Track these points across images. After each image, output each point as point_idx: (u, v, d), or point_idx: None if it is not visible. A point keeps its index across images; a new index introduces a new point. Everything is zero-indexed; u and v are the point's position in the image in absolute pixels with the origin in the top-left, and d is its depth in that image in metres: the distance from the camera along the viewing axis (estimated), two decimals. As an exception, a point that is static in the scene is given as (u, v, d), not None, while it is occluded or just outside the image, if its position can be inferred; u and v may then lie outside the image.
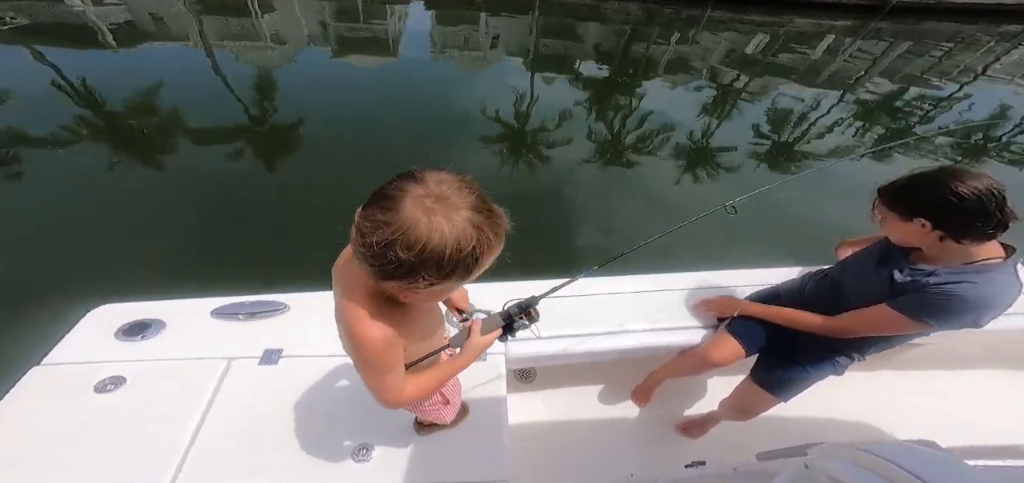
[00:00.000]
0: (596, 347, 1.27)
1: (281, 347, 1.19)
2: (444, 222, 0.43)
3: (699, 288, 1.44)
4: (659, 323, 1.33)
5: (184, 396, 1.05)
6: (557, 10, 11.07)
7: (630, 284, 1.46)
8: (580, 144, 4.27)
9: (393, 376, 0.63)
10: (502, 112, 4.59)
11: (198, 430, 1.00)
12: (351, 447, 0.99)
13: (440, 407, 0.93)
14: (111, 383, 1.05)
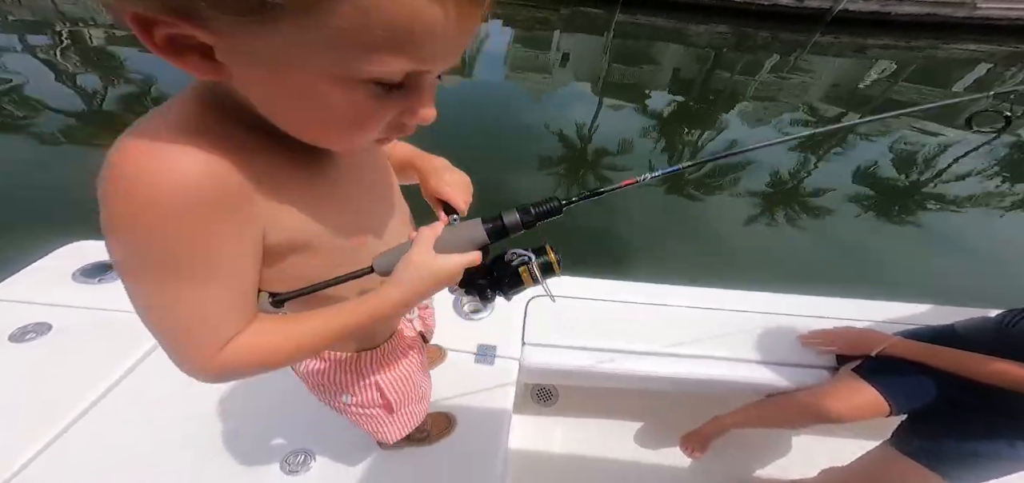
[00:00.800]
0: (638, 369, 0.97)
1: None
2: None
3: (798, 315, 1.06)
4: (730, 352, 1.00)
5: (104, 357, 0.88)
6: (634, 32, 10.77)
7: (691, 297, 1.13)
8: (641, 173, 4.06)
9: (202, 296, 0.30)
10: (563, 135, 4.60)
11: (99, 400, 0.82)
12: (285, 451, 0.78)
13: (377, 413, 0.58)
14: (33, 331, 0.91)
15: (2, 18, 5.54)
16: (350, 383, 0.53)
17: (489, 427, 0.86)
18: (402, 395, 0.58)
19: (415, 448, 0.80)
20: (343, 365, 0.52)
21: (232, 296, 0.31)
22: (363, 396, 0.55)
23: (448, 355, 0.98)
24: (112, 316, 0.95)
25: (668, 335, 1.03)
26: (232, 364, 0.32)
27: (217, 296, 0.30)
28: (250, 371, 0.34)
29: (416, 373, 0.60)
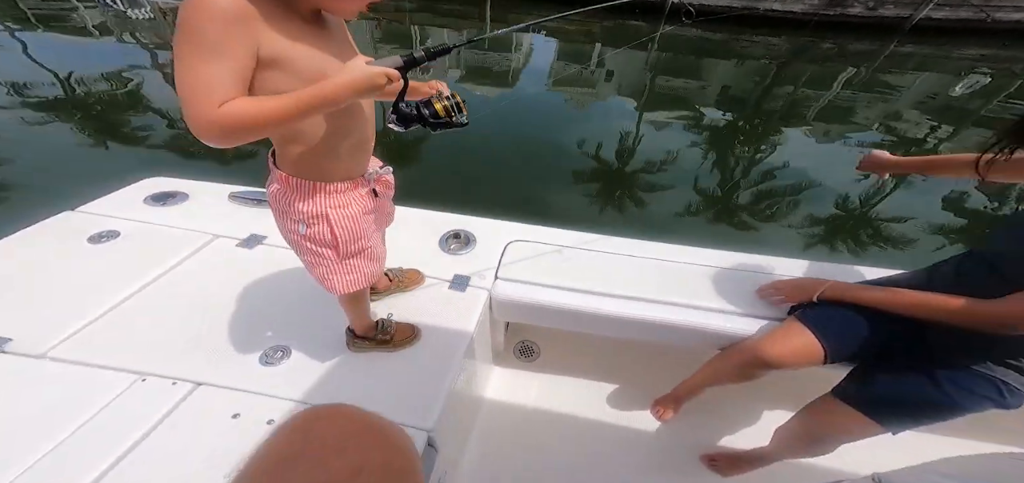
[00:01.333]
0: (601, 308, 1.02)
1: (267, 235, 1.21)
2: None
3: (763, 272, 1.11)
4: (693, 300, 1.03)
5: (152, 257, 1.10)
6: (680, 45, 10.41)
7: (661, 251, 1.19)
8: (683, 193, 3.88)
9: (215, 70, 0.46)
10: (602, 150, 4.51)
11: (135, 293, 1.02)
12: (266, 347, 0.91)
13: (328, 255, 0.70)
14: (106, 236, 1.16)
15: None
16: (303, 209, 0.66)
17: (448, 343, 0.94)
18: (349, 235, 0.70)
19: (379, 352, 0.91)
20: (301, 188, 0.65)
21: (232, 75, 0.48)
22: (314, 229, 0.67)
23: (426, 280, 1.10)
24: (165, 230, 1.21)
25: (635, 283, 1.08)
26: (223, 118, 0.47)
27: (220, 71, 0.47)
28: (235, 128, 0.48)
29: (362, 217, 0.71)
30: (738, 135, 5.54)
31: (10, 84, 4.34)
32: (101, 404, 0.80)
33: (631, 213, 3.63)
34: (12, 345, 0.87)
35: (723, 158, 4.81)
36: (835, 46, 9.46)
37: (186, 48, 0.46)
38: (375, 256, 0.77)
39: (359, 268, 0.74)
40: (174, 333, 0.93)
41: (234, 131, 0.48)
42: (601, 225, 3.37)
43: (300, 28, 0.53)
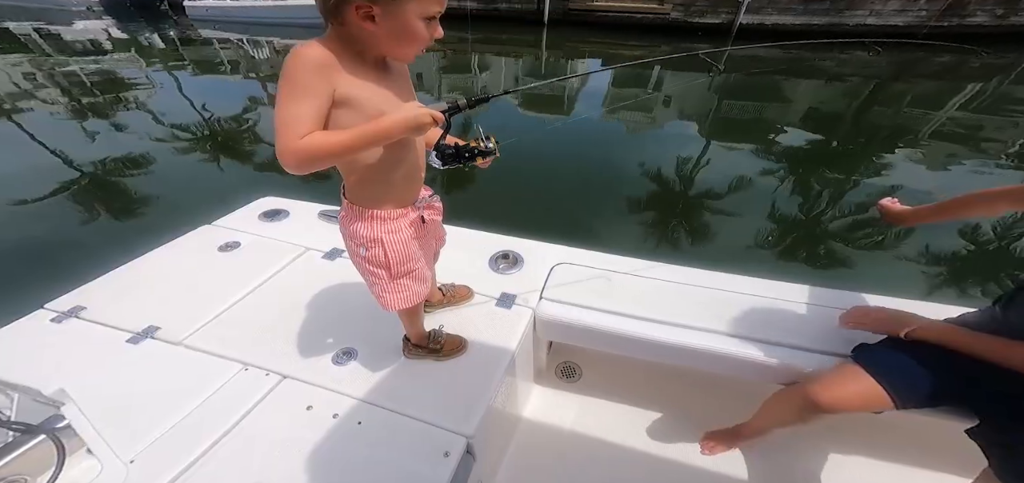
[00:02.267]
0: (660, 336, 1.01)
1: (344, 250, 1.31)
2: None
3: (830, 306, 1.04)
4: (747, 331, 0.99)
5: (260, 265, 1.29)
6: (750, 67, 9.72)
7: (714, 280, 1.16)
8: (753, 221, 3.51)
9: (301, 108, 0.57)
10: (659, 177, 4.29)
11: (247, 295, 1.19)
12: (337, 349, 1.02)
13: (382, 274, 0.79)
14: (231, 247, 1.37)
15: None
16: (363, 234, 0.76)
17: (493, 357, 0.99)
18: (399, 258, 0.79)
19: (430, 360, 0.99)
20: (361, 214, 0.75)
21: (312, 113, 0.58)
22: (372, 252, 0.77)
23: (475, 296, 1.17)
24: (271, 242, 1.42)
25: (685, 311, 1.05)
26: (301, 148, 0.57)
27: (304, 110, 0.58)
28: (310, 157, 0.58)
29: (411, 243, 0.80)
30: (827, 159, 4.94)
31: (165, 116, 5.48)
32: (215, 387, 0.94)
33: (689, 244, 3.37)
34: (160, 333, 1.07)
35: (806, 184, 4.29)
36: (953, 60, 8.12)
37: (283, 90, 0.58)
38: (423, 277, 0.85)
39: (408, 287, 0.83)
40: (270, 330, 1.08)
41: (308, 159, 0.58)
42: (655, 255, 3.18)
43: (368, 73, 0.63)
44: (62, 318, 1.10)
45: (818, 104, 7.30)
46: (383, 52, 0.64)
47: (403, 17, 0.58)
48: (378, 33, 0.58)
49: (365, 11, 0.56)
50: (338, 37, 0.60)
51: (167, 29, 12.24)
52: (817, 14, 11.83)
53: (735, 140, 5.50)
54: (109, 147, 4.30)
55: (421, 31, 0.60)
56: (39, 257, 2.68)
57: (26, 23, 10.97)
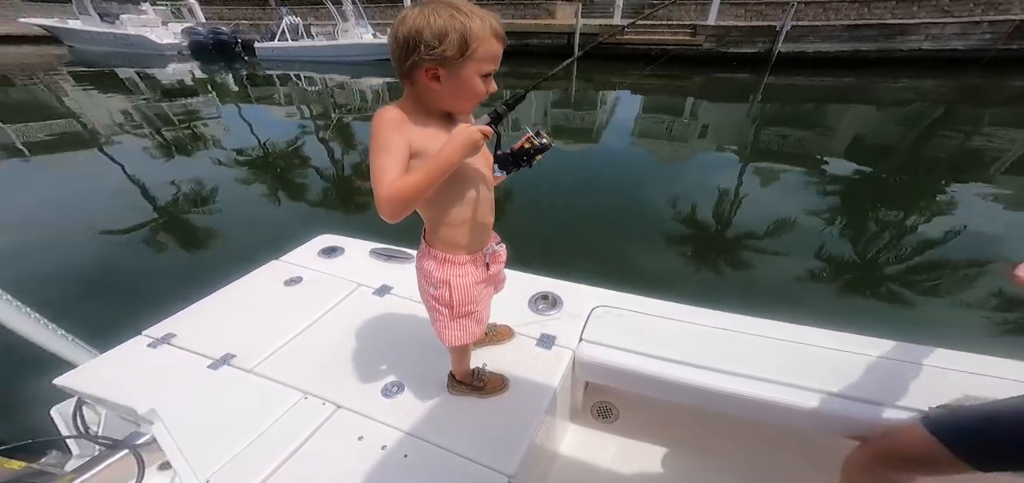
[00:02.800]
0: (703, 382, 0.99)
1: (393, 286, 1.43)
2: (427, 12, 0.64)
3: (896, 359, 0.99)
4: (800, 380, 0.96)
5: (318, 299, 1.38)
6: (790, 96, 9.37)
7: (762, 328, 1.12)
8: (800, 259, 3.31)
9: (390, 160, 0.68)
10: (696, 210, 4.18)
11: (308, 327, 1.27)
12: (388, 381, 1.07)
13: (444, 312, 0.87)
14: (294, 282, 1.47)
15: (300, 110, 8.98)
16: (436, 276, 0.84)
17: (533, 397, 1.02)
18: (462, 300, 0.86)
19: (473, 397, 1.03)
20: (435, 258, 0.84)
21: (396, 164, 0.69)
22: (440, 292, 0.85)
23: (516, 336, 1.21)
24: (327, 278, 1.51)
25: (726, 355, 1.04)
26: (390, 194, 0.67)
27: (390, 162, 0.69)
28: (398, 200, 0.68)
29: (474, 287, 0.87)
30: (883, 193, 4.60)
31: (233, 151, 6.14)
32: (279, 413, 1.01)
33: (730, 279, 3.22)
34: (235, 360, 1.16)
35: (861, 220, 4.01)
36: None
37: (371, 148, 0.70)
38: (481, 320, 0.93)
39: (467, 327, 0.90)
40: (327, 362, 1.15)
41: (398, 201, 0.68)
42: (693, 290, 3.06)
43: (435, 127, 0.73)
44: (156, 344, 1.22)
45: (870, 134, 6.87)
46: (447, 108, 0.74)
47: (463, 76, 0.67)
48: (442, 91, 0.69)
49: (433, 73, 0.66)
50: (411, 97, 0.72)
51: (239, 69, 13.87)
52: (865, 41, 11.33)
53: (778, 171, 5.28)
54: (186, 180, 4.83)
55: (479, 87, 0.70)
56: (134, 283, 3.02)
57: (130, 69, 12.83)
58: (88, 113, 7.87)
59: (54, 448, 1.18)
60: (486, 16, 0.67)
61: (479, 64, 0.67)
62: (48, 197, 4.43)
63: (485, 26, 0.66)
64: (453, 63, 0.65)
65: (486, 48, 0.66)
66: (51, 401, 1.28)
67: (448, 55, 0.64)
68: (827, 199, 4.41)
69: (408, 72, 0.68)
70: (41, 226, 3.70)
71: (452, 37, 0.63)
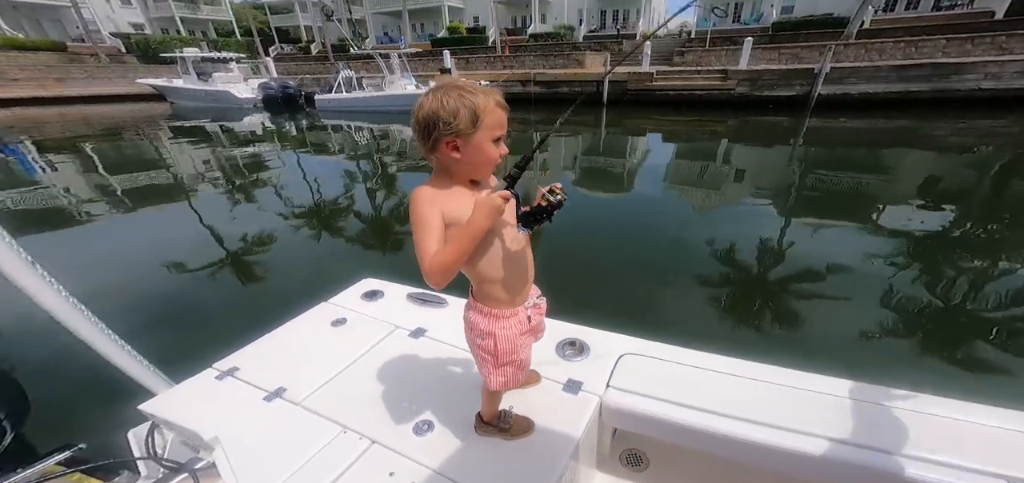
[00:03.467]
0: (740, 434, 0.97)
1: (427, 328, 1.49)
2: (440, 96, 0.75)
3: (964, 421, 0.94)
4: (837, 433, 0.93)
5: (358, 341, 1.46)
6: (836, 139, 8.96)
7: (796, 379, 1.10)
8: (864, 309, 3.03)
9: (429, 236, 0.77)
10: (734, 256, 4.02)
11: (350, 365, 1.34)
12: (419, 420, 1.12)
13: (489, 359, 0.93)
14: (340, 323, 1.57)
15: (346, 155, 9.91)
16: (483, 328, 0.92)
17: (558, 441, 1.04)
18: (506, 349, 0.92)
19: (499, 438, 1.06)
20: (481, 311, 0.91)
21: (436, 238, 0.78)
22: (487, 342, 0.92)
23: (542, 380, 1.23)
24: (368, 320, 1.60)
25: (768, 407, 1.02)
26: (434, 266, 0.76)
27: (430, 238, 0.78)
28: (440, 270, 0.77)
29: (517, 338, 0.93)
30: (954, 243, 4.21)
31: (290, 196, 6.71)
32: (322, 445, 1.08)
33: (772, 335, 3.02)
34: (287, 394, 1.25)
35: (940, 267, 3.65)
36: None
37: (414, 225, 0.80)
38: (522, 366, 0.99)
39: (509, 373, 0.97)
40: (366, 398, 1.23)
41: (440, 272, 0.77)
42: (732, 344, 2.90)
43: (463, 194, 0.82)
44: (223, 376, 1.34)
45: (933, 178, 6.38)
46: (469, 175, 0.83)
47: (477, 143, 0.77)
48: (462, 159, 0.78)
49: (452, 145, 0.77)
50: (438, 169, 0.83)
51: (301, 120, 15.63)
52: (916, 81, 10.79)
53: (827, 218, 5.00)
54: (249, 222, 5.42)
55: (492, 152, 0.79)
56: (204, 315, 3.37)
57: (215, 123, 14.87)
58: (178, 163, 9.13)
59: (126, 469, 1.30)
60: (488, 91, 0.78)
61: (489, 131, 0.77)
62: (137, 238, 5.10)
63: (489, 99, 0.76)
64: (467, 134, 0.76)
65: (492, 117, 0.77)
66: (131, 423, 1.41)
67: (462, 128, 0.75)
68: (888, 247, 4.07)
69: (432, 147, 0.78)
70: (129, 263, 4.25)
71: (463, 113, 0.74)
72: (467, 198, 0.81)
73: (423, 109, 0.76)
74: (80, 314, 1.20)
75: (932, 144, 8.48)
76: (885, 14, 21.11)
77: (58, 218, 5.67)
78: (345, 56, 22.12)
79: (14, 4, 25.92)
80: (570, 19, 29.58)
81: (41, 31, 27.01)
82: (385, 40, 32.25)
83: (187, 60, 18.63)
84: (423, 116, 0.76)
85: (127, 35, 28.36)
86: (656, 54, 17.07)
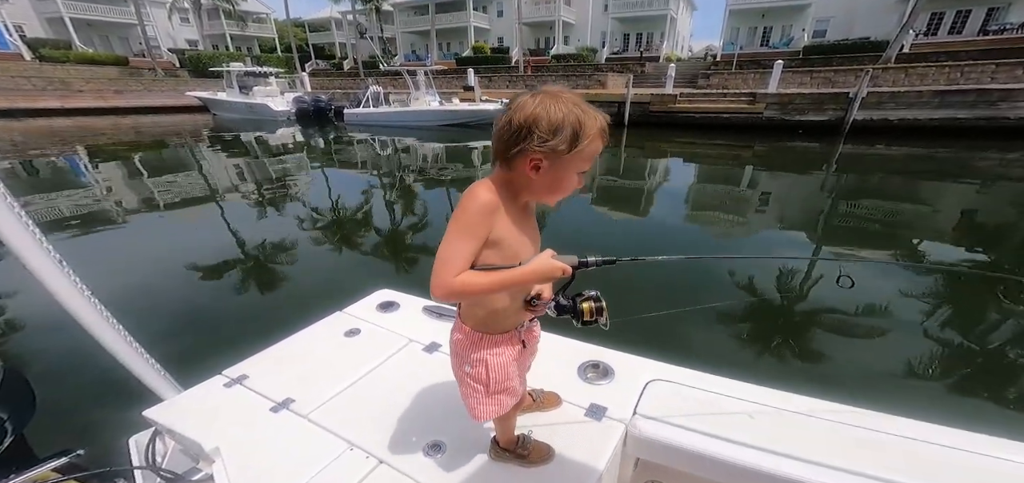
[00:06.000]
0: (746, 460, 0.91)
1: (442, 343, 1.42)
2: (547, 102, 0.64)
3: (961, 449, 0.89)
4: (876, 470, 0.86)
5: (371, 353, 1.39)
6: (876, 166, 8.49)
7: (835, 413, 1.02)
8: (903, 344, 2.82)
9: (464, 248, 0.66)
10: (761, 286, 3.81)
11: (361, 378, 1.29)
12: (430, 440, 1.05)
13: (480, 389, 0.83)
14: (353, 333, 1.52)
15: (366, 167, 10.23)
16: (472, 355, 0.82)
17: (580, 470, 0.97)
18: (499, 377, 0.83)
19: (517, 465, 0.99)
20: (472, 338, 0.82)
21: (469, 254, 0.67)
22: (475, 370, 0.83)
23: (563, 404, 1.15)
24: (382, 331, 1.55)
25: (804, 442, 0.95)
26: (453, 286, 0.66)
27: (466, 249, 0.67)
28: (459, 294, 0.68)
29: (510, 365, 0.85)
30: (1000, 281, 3.83)
31: (314, 207, 6.93)
32: (326, 462, 1.02)
33: (795, 367, 2.80)
34: (294, 405, 1.20)
35: (985, 307, 3.35)
36: None
37: (454, 225, 0.67)
38: (516, 393, 0.91)
39: (501, 401, 0.88)
40: (375, 414, 1.16)
41: (456, 295, 0.68)
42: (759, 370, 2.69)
43: (515, 215, 0.72)
44: (231, 384, 1.29)
45: (975, 209, 5.89)
46: (535, 197, 0.73)
47: (563, 170, 0.66)
48: (538, 182, 0.67)
49: (536, 163, 0.65)
50: (502, 179, 0.70)
51: (329, 133, 16.36)
52: (961, 108, 10.15)
53: (861, 249, 4.69)
54: (272, 231, 5.58)
55: (574, 183, 0.69)
56: (215, 322, 3.47)
57: (251, 134, 15.80)
58: (214, 171, 9.69)
59: (123, 478, 1.27)
60: (597, 114, 0.66)
61: (583, 161, 0.66)
62: (166, 242, 5.37)
63: (596, 125, 0.65)
64: (560, 157, 0.64)
65: (593, 147, 0.66)
66: (137, 428, 1.40)
67: (559, 148, 0.63)
68: (926, 284, 3.76)
69: (512, 157, 0.66)
70: (155, 266, 4.45)
71: (566, 131, 0.63)
72: (519, 222, 0.72)
73: (523, 111, 0.64)
74: (99, 315, 1.19)
75: (978, 174, 7.87)
76: (927, 38, 20.19)
77: (96, 220, 6.03)
78: (375, 72, 23.17)
79: (89, 22, 28.82)
80: (593, 41, 29.99)
81: (109, 46, 29.82)
82: (412, 58, 33.65)
83: (232, 74, 20.01)
84: (520, 120, 0.64)
85: (182, 51, 30.91)
86: (680, 76, 16.93)
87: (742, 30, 25.70)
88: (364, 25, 20.32)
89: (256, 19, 36.82)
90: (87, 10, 28.28)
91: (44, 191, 7.34)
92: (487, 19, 33.60)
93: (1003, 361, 2.77)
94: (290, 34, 32.42)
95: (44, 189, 7.53)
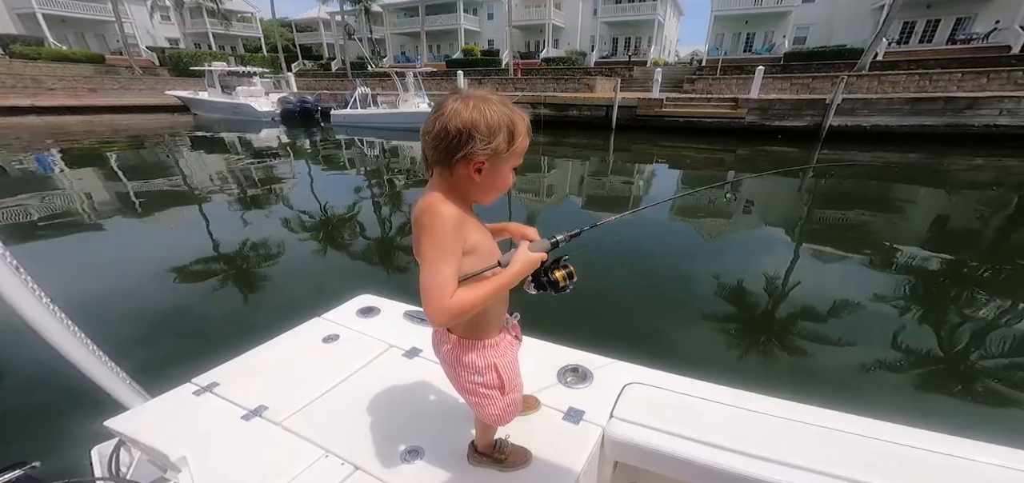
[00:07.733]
0: (720, 462, 0.93)
1: (423, 348, 1.42)
2: (481, 106, 0.65)
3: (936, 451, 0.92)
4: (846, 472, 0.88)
5: (349, 359, 1.38)
6: (851, 171, 8.80)
7: (811, 415, 1.04)
8: (872, 349, 2.92)
9: (449, 270, 0.65)
10: (741, 289, 3.91)
11: (338, 385, 1.28)
12: (406, 446, 1.05)
13: (494, 393, 0.84)
14: (332, 339, 1.49)
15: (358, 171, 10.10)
16: (479, 363, 0.82)
17: (557, 473, 0.98)
18: (510, 376, 0.85)
19: (494, 469, 0.99)
20: (470, 346, 0.81)
21: (454, 273, 0.67)
22: (487, 377, 0.83)
23: (542, 408, 1.15)
24: (361, 336, 1.53)
25: (781, 445, 0.96)
26: (452, 308, 0.66)
27: (451, 270, 0.66)
28: (459, 313, 0.67)
29: (515, 360, 0.88)
30: (971, 279, 4.04)
31: (300, 209, 6.80)
32: (300, 470, 1.01)
33: (780, 364, 2.89)
34: (267, 413, 1.18)
35: (945, 307, 3.52)
36: None
37: (430, 251, 0.66)
38: (522, 390, 0.93)
39: (514, 401, 0.89)
40: (351, 421, 1.15)
41: (457, 315, 0.67)
42: (738, 374, 2.76)
43: (474, 219, 0.75)
44: (201, 392, 1.27)
45: (947, 214, 6.18)
46: (477, 199, 0.75)
47: (503, 169, 0.70)
48: (481, 182, 0.69)
49: (478, 165, 0.66)
50: (445, 187, 0.69)
51: (315, 134, 16.10)
52: (930, 115, 10.62)
53: (835, 250, 4.86)
54: (253, 234, 5.47)
55: (509, 180, 0.73)
56: (191, 328, 3.35)
57: (233, 134, 15.42)
58: (194, 172, 9.43)
59: None
60: (523, 113, 0.70)
61: (516, 157, 0.70)
62: (139, 244, 5.22)
63: (524, 123, 0.69)
64: (500, 156, 0.67)
65: (523, 143, 0.70)
66: (100, 439, 1.31)
67: (499, 149, 0.66)
68: (897, 283, 3.94)
69: (454, 163, 0.66)
70: (127, 269, 4.29)
71: (504, 132, 0.65)
72: (477, 224, 0.75)
73: (458, 117, 0.64)
74: (58, 321, 1.14)
75: (946, 180, 8.24)
76: (899, 46, 21.08)
77: (66, 223, 5.81)
78: (363, 73, 22.92)
79: (63, 18, 27.74)
80: (583, 45, 30.32)
81: (84, 44, 28.68)
82: (402, 59, 33.40)
83: (214, 73, 19.51)
84: (458, 126, 0.64)
85: (162, 49, 29.98)
86: (667, 80, 17.25)
87: (726, 36, 26.39)
88: (353, 26, 20.07)
89: (241, 18, 36.03)
90: (61, 6, 27.21)
91: (10, 194, 7.02)
92: (478, 22, 33.66)
93: (965, 362, 2.90)
94: (276, 34, 31.89)
95: (10, 190, 7.20)
